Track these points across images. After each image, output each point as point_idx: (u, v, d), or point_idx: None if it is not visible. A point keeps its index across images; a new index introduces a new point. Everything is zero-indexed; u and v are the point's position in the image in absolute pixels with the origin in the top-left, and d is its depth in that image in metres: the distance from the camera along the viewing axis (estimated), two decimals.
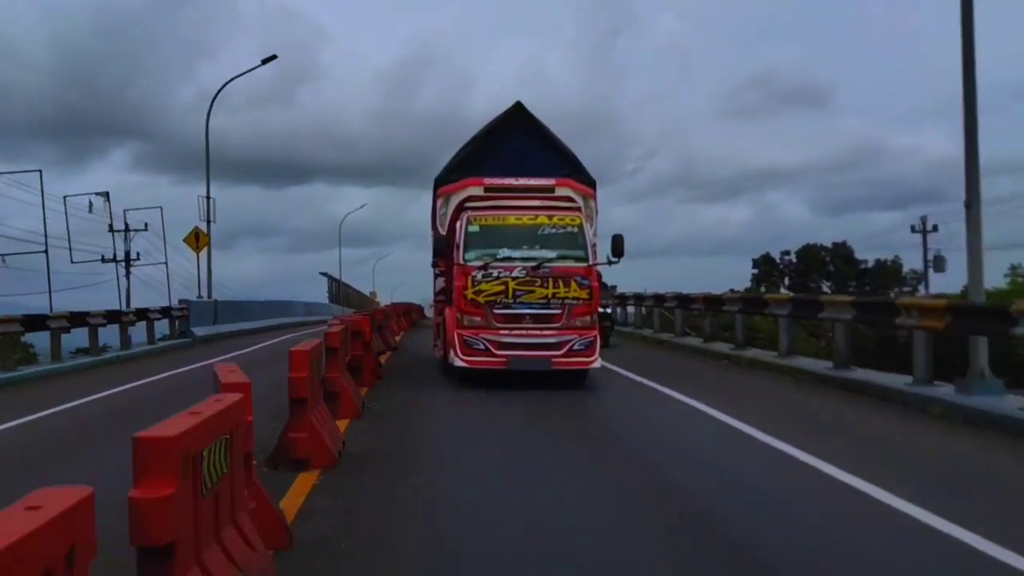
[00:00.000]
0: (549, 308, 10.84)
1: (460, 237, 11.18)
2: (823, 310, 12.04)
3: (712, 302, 16.80)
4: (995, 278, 41.50)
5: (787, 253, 57.04)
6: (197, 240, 25.83)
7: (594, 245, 11.71)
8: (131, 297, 36.23)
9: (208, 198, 26.20)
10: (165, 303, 25.25)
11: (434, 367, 13.17)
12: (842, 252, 54.82)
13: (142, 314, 19.93)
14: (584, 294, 10.89)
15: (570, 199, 11.96)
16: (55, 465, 6.95)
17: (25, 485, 2.07)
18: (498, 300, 10.80)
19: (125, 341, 18.52)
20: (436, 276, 13.23)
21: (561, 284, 10.83)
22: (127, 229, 37.56)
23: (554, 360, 10.72)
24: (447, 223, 12.10)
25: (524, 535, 4.69)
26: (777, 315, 13.76)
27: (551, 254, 11.01)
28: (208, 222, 26.11)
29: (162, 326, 21.80)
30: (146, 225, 37.71)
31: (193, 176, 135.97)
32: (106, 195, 36.32)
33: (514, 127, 12.91)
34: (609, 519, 5.05)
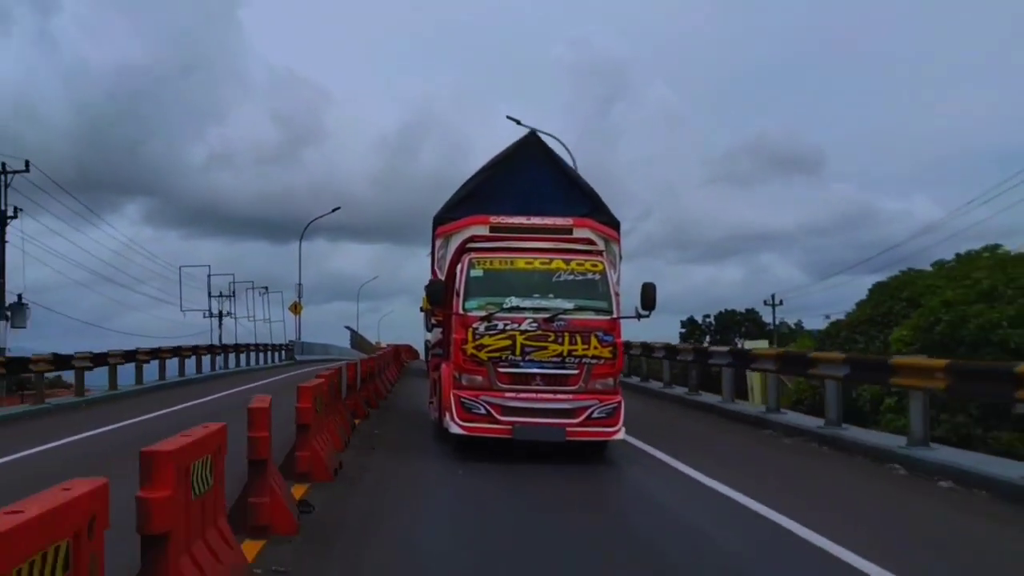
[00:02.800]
0: (564, 368, 9.06)
1: (461, 283, 9.50)
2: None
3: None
4: None
5: (707, 316, 67.52)
6: (296, 308, 44.12)
7: (618, 295, 10.05)
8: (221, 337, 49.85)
9: (299, 284, 43.58)
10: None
11: (424, 428, 11.40)
12: (752, 316, 64.71)
13: (277, 346, 40.79)
14: (606, 352, 9.12)
15: (591, 241, 10.32)
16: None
17: None
18: (504, 357, 9.04)
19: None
20: (432, 326, 11.53)
21: (579, 340, 9.07)
22: (220, 295, 54.03)
23: (569, 430, 8.91)
24: (446, 267, 10.45)
25: None
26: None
27: (568, 304, 9.28)
28: (299, 298, 43.64)
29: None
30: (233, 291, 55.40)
31: (200, 230, 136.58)
32: (208, 268, 51.38)
33: (526, 160, 11.34)
34: None
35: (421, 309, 11.15)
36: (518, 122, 25.71)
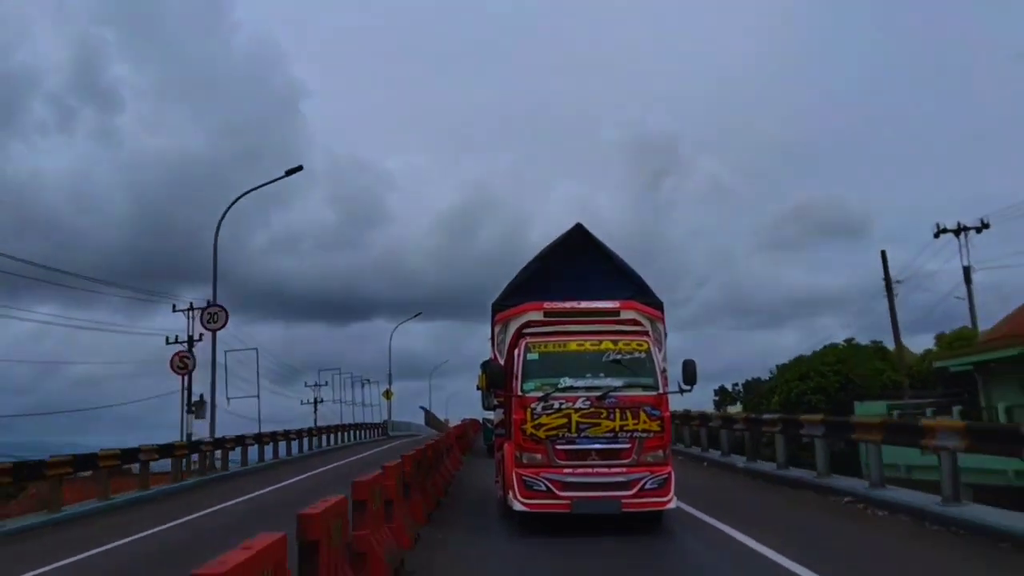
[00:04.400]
0: (617, 442, 9.77)
1: (518, 366, 10.36)
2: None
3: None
4: None
5: (736, 384, 69.55)
6: (388, 395, 56.57)
7: (664, 371, 10.74)
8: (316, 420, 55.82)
9: (390, 375, 56.47)
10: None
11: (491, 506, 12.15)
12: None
13: (375, 425, 51.14)
14: (655, 426, 9.82)
15: (636, 322, 11.09)
16: None
17: None
18: (561, 435, 9.80)
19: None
20: (495, 407, 12.36)
21: (629, 415, 9.80)
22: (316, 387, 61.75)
23: (624, 501, 9.56)
24: (505, 350, 11.33)
25: None
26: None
27: (617, 382, 10.04)
28: (389, 389, 56.23)
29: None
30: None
31: (259, 315, 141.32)
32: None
33: (574, 249, 12.25)
34: None
35: (478, 387, 11.95)
36: None
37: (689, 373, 10.36)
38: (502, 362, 11.25)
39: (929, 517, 9.72)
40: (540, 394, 9.96)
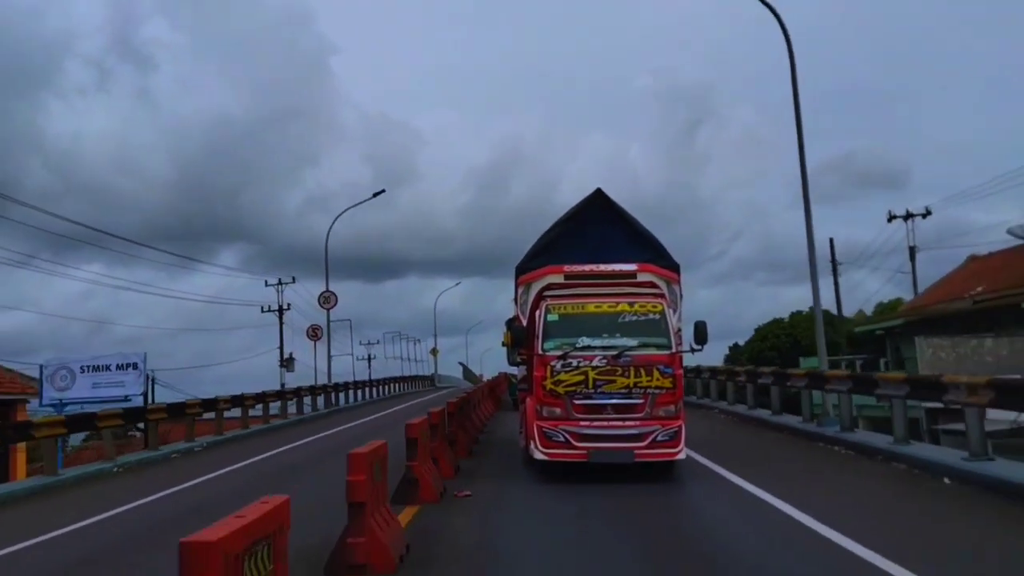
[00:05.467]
0: (631, 398, 10.48)
1: (539, 326, 11.06)
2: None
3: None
4: None
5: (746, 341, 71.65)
6: (434, 352, 66.16)
7: (678, 331, 11.35)
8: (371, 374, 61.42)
9: (435, 334, 62.65)
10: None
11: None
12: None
13: (424, 377, 60.35)
14: (667, 383, 10.50)
15: (653, 284, 11.69)
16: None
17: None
18: (578, 390, 10.53)
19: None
20: (518, 363, 13.10)
21: (643, 373, 10.48)
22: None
23: (637, 452, 10.31)
24: (528, 311, 12.02)
25: None
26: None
27: (632, 342, 10.72)
28: (435, 348, 65.49)
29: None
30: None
31: (295, 273, 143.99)
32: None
33: (594, 214, 12.80)
34: None
35: (503, 344, 12.67)
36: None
37: (700, 333, 11.02)
38: (525, 322, 11.97)
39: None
40: (559, 353, 10.66)
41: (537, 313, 11.33)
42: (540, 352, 10.84)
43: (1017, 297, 24.79)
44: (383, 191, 37.72)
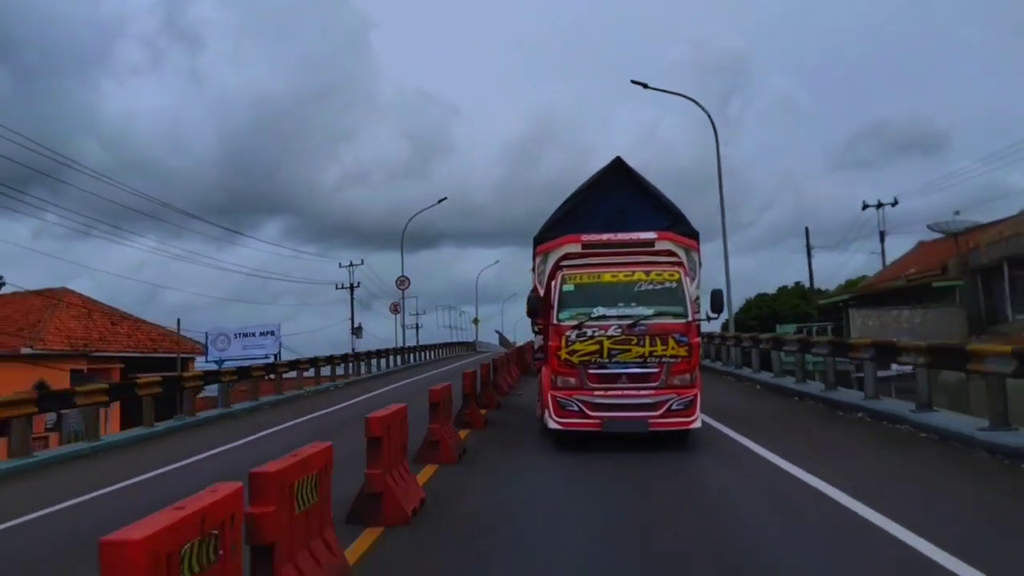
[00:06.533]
0: (646, 367, 10.40)
1: (555, 296, 11.02)
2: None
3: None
4: None
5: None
6: (476, 321, 74.79)
7: (697, 299, 11.21)
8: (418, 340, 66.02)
9: (476, 306, 66.97)
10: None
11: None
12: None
13: (466, 344, 68.97)
14: (683, 351, 10.39)
15: (671, 252, 11.54)
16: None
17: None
18: (593, 360, 10.48)
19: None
20: (536, 333, 13.09)
21: (658, 342, 10.38)
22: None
23: (651, 421, 10.25)
24: (545, 281, 11.96)
25: None
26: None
27: (648, 311, 10.61)
28: (476, 317, 74.90)
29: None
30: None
31: (335, 245, 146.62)
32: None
33: (613, 182, 12.67)
34: None
35: (527, 313, 12.75)
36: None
37: (716, 302, 10.85)
38: (543, 292, 11.92)
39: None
40: (574, 323, 10.62)
41: (553, 283, 11.27)
42: (555, 322, 10.80)
43: (930, 278, 32.31)
44: (445, 199, 47.32)
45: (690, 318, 10.58)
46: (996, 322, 27.76)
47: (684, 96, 28.84)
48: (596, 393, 10.43)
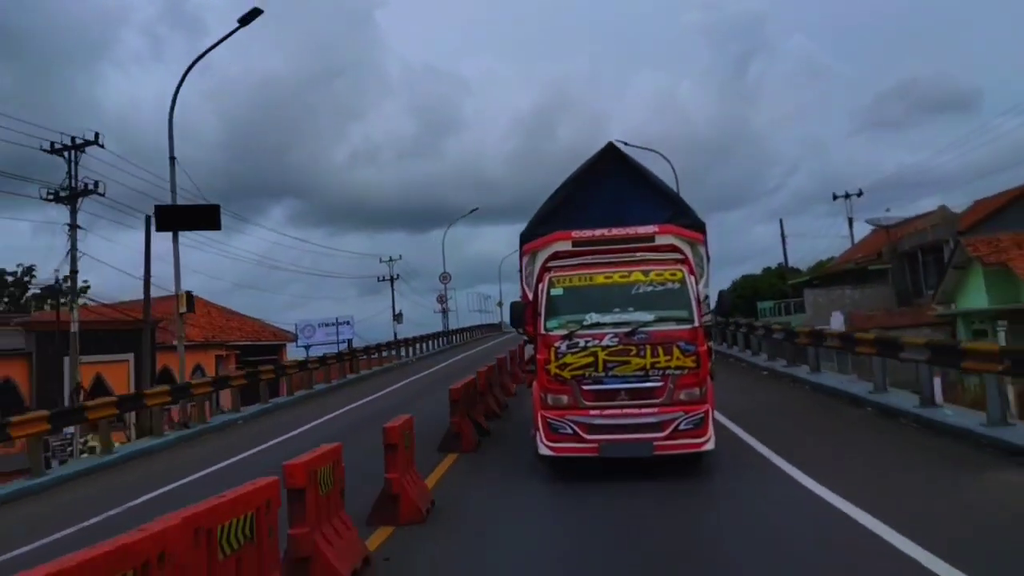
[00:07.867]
0: (648, 381, 9.02)
1: (542, 302, 9.69)
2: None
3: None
4: None
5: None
6: (500, 304, 75.40)
7: (706, 299, 9.87)
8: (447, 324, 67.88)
9: (500, 289, 70.80)
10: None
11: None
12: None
13: (493, 326, 65.77)
14: (690, 362, 8.99)
15: (674, 248, 10.17)
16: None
17: None
18: (587, 374, 9.11)
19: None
20: (525, 343, 11.76)
21: (661, 352, 9.00)
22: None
23: (656, 444, 8.88)
24: (533, 284, 10.62)
25: None
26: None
27: (648, 316, 9.24)
28: (500, 301, 73.12)
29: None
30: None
31: (343, 227, 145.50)
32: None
33: (606, 171, 11.27)
34: None
35: (511, 323, 11.63)
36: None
37: (724, 304, 9.52)
38: (531, 296, 10.59)
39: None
40: (564, 332, 9.29)
41: (540, 287, 9.94)
42: (543, 331, 9.47)
43: (870, 262, 39.61)
44: (476, 209, 54.36)
45: (696, 323, 9.20)
46: (919, 297, 34.99)
47: (653, 151, 35.84)
48: (592, 413, 9.07)
